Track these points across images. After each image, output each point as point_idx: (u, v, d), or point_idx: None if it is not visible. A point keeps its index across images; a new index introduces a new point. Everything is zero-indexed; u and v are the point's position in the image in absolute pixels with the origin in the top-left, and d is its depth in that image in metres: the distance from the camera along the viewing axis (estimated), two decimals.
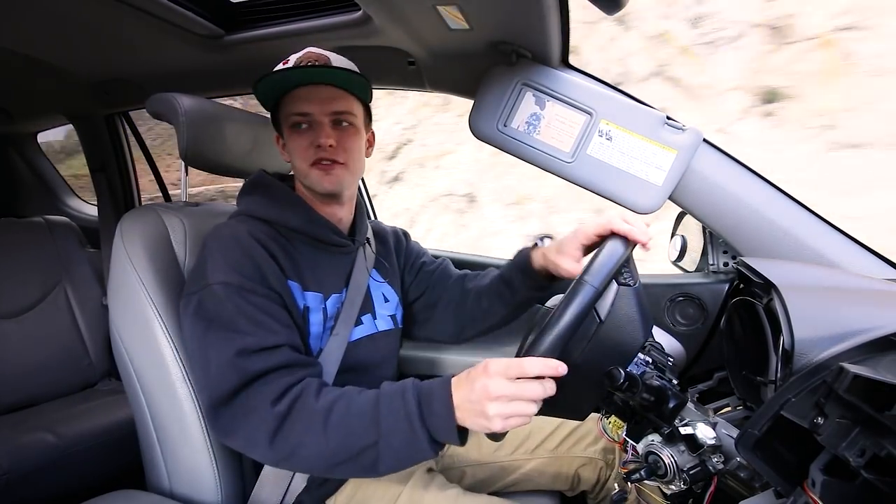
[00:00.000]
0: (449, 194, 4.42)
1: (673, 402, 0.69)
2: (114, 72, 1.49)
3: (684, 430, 0.70)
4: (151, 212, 0.95)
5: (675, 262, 1.30)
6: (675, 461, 0.70)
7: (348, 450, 0.69)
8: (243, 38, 1.21)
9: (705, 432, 0.69)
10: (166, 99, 0.97)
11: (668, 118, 1.04)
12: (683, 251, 1.28)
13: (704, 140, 1.04)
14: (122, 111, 1.91)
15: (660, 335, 1.19)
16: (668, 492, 0.74)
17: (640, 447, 0.75)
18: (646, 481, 0.73)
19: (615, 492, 0.85)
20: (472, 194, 4.32)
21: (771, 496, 0.63)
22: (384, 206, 4.82)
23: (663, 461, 0.71)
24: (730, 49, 3.63)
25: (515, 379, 0.62)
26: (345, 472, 0.73)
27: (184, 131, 0.95)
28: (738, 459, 0.67)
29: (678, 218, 1.31)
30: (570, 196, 3.94)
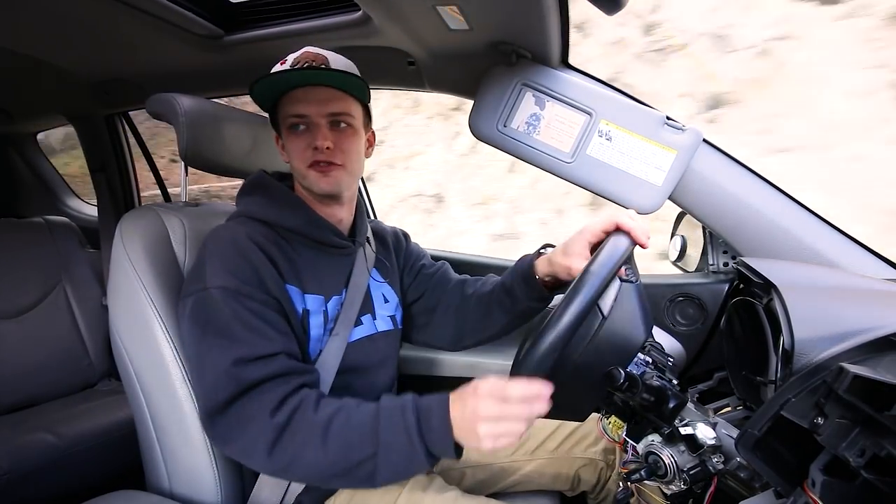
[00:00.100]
0: (418, 195, 4.49)
1: (673, 403, 0.69)
2: (114, 72, 1.49)
3: (684, 431, 0.70)
4: (151, 212, 0.95)
5: (675, 262, 1.30)
6: (675, 461, 0.70)
7: (346, 462, 0.71)
8: (243, 38, 1.21)
9: (705, 432, 0.69)
10: (166, 99, 0.97)
11: (667, 118, 1.04)
12: (683, 251, 1.28)
13: (704, 140, 1.05)
14: (122, 111, 1.91)
15: (660, 335, 1.19)
16: (669, 492, 0.74)
17: (641, 447, 0.75)
18: (646, 481, 0.73)
19: (620, 490, 0.85)
20: (440, 195, 4.41)
21: (771, 496, 0.63)
22: None
23: (663, 461, 0.71)
24: (679, 56, 3.80)
25: (503, 401, 0.64)
26: (341, 483, 0.75)
27: (183, 131, 0.95)
28: (738, 459, 0.67)
29: (678, 218, 1.31)
30: (534, 197, 4.10)
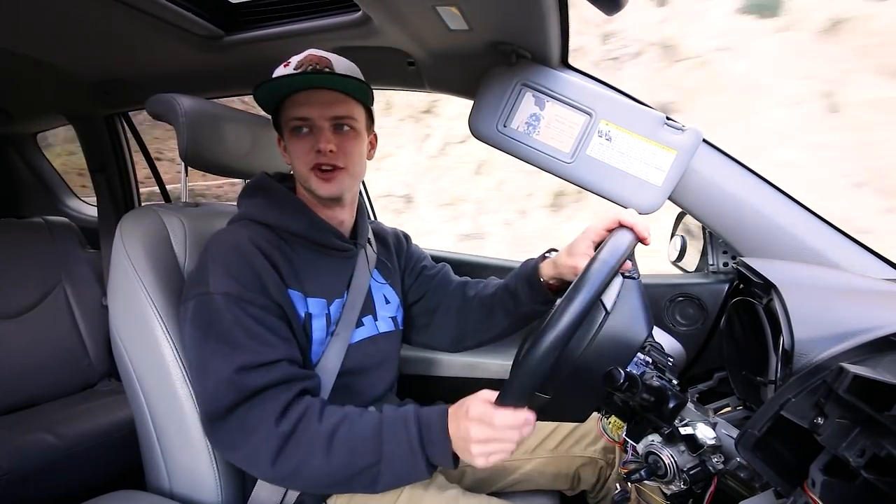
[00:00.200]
0: (388, 195, 4.61)
1: (673, 403, 0.69)
2: (114, 72, 1.49)
3: (684, 431, 0.69)
4: (151, 212, 0.94)
5: (675, 262, 1.30)
6: (675, 461, 0.70)
7: (349, 470, 0.73)
8: (243, 38, 1.21)
9: (705, 432, 0.69)
10: (166, 99, 0.97)
11: (667, 118, 1.04)
12: (683, 251, 1.28)
13: (704, 140, 1.05)
14: (122, 111, 1.91)
15: (660, 335, 1.19)
16: (668, 492, 0.74)
17: (640, 447, 0.75)
18: (646, 481, 0.73)
19: (617, 492, 0.85)
20: (409, 195, 4.53)
21: (771, 496, 0.63)
22: None
23: (663, 461, 0.70)
24: (632, 65, 4.00)
25: (492, 427, 0.67)
26: (342, 489, 0.78)
27: (183, 132, 0.95)
28: (738, 459, 0.67)
29: (678, 218, 1.31)
30: (499, 198, 4.35)
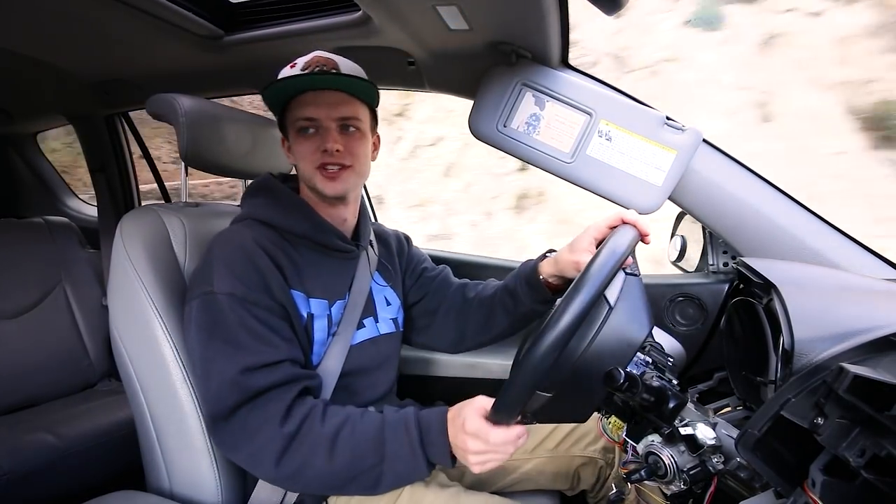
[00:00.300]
0: None
1: (673, 403, 0.69)
2: (114, 72, 1.49)
3: (684, 431, 0.69)
4: (151, 212, 0.94)
5: (675, 262, 1.30)
6: (675, 461, 0.70)
7: (351, 471, 0.75)
8: (243, 38, 1.21)
9: (705, 432, 0.69)
10: (166, 99, 0.97)
11: (667, 118, 1.04)
12: (683, 251, 1.28)
13: (704, 140, 1.04)
14: (122, 111, 1.90)
15: (660, 335, 1.19)
16: (668, 492, 0.74)
17: (640, 447, 0.75)
18: (646, 481, 0.73)
19: (613, 492, 0.85)
20: (380, 196, 4.63)
21: (771, 496, 0.63)
22: None
23: (663, 461, 0.70)
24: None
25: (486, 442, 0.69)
26: (343, 491, 0.79)
27: (184, 132, 0.95)
28: (738, 459, 0.67)
29: (678, 218, 1.31)
30: (467, 200, 4.54)
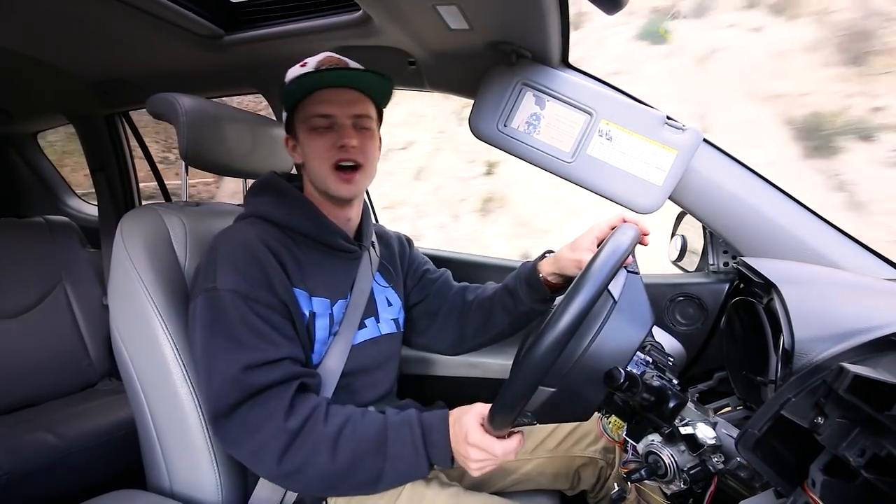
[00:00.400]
0: None
1: (673, 402, 0.69)
2: (114, 72, 1.49)
3: (684, 430, 0.69)
4: (152, 212, 0.95)
5: (675, 262, 1.30)
6: (675, 461, 0.70)
7: (353, 470, 0.75)
8: (243, 38, 1.21)
9: (705, 432, 0.69)
10: (166, 99, 0.97)
11: (668, 118, 1.04)
12: (683, 251, 1.28)
13: (704, 140, 1.04)
14: (122, 111, 1.90)
15: (660, 335, 1.19)
16: (669, 492, 0.74)
17: (641, 447, 0.75)
18: (646, 481, 0.73)
19: (614, 491, 0.85)
20: None
21: (771, 496, 0.63)
22: None
23: (663, 461, 0.70)
24: None
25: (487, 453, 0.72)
26: (342, 491, 0.79)
27: (184, 131, 0.95)
28: (739, 459, 0.67)
29: (678, 218, 1.31)
30: (436, 203, 4.64)
